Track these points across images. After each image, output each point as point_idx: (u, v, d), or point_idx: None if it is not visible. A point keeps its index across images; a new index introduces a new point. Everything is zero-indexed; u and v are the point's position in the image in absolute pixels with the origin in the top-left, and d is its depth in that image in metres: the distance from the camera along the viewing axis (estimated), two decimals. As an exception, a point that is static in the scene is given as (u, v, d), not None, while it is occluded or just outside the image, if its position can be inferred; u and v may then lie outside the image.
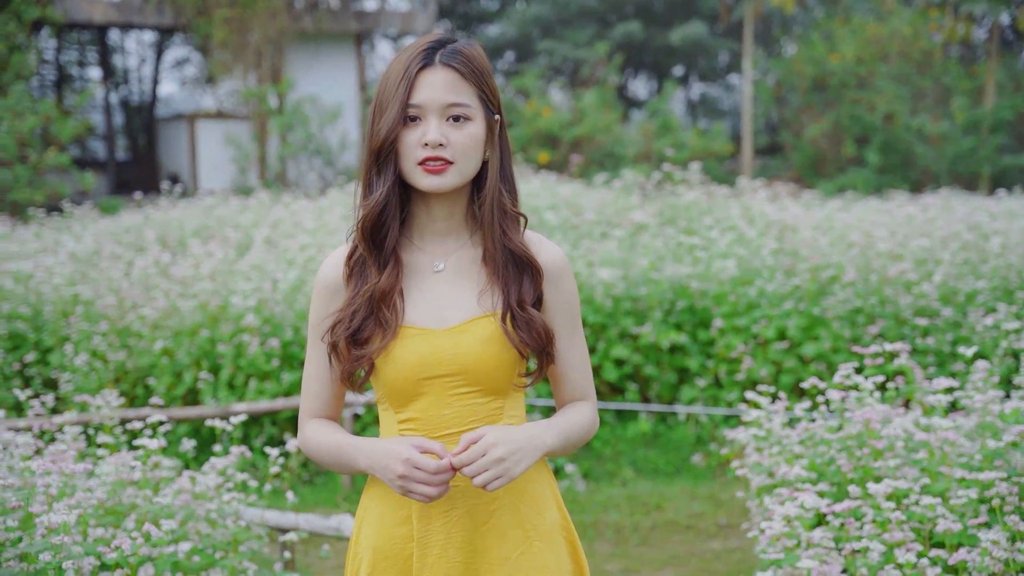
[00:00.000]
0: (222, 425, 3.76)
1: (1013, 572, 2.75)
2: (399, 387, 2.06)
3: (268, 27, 17.35)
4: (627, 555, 5.34)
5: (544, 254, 2.13)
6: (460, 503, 2.07)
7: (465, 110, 2.02)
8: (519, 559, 2.08)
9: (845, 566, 2.96)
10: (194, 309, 6.54)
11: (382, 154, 2.03)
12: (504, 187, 2.09)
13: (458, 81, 2.02)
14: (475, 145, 2.04)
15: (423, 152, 2.01)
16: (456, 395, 2.06)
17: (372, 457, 2.01)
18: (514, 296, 2.08)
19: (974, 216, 7.87)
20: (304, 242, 7.44)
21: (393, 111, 2.00)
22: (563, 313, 2.15)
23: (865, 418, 3.31)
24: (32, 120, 13.50)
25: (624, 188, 9.85)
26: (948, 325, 6.40)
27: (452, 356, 2.05)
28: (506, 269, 2.09)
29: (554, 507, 2.16)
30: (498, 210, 2.08)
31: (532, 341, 2.07)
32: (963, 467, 3.16)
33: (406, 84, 2.00)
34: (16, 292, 7.17)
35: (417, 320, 2.07)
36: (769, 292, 6.73)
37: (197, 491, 3.49)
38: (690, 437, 6.72)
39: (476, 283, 2.10)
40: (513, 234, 2.09)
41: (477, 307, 2.08)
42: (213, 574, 3.25)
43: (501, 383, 2.08)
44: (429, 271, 2.11)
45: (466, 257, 2.12)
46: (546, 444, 2.04)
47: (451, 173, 2.02)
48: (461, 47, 2.05)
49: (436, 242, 2.12)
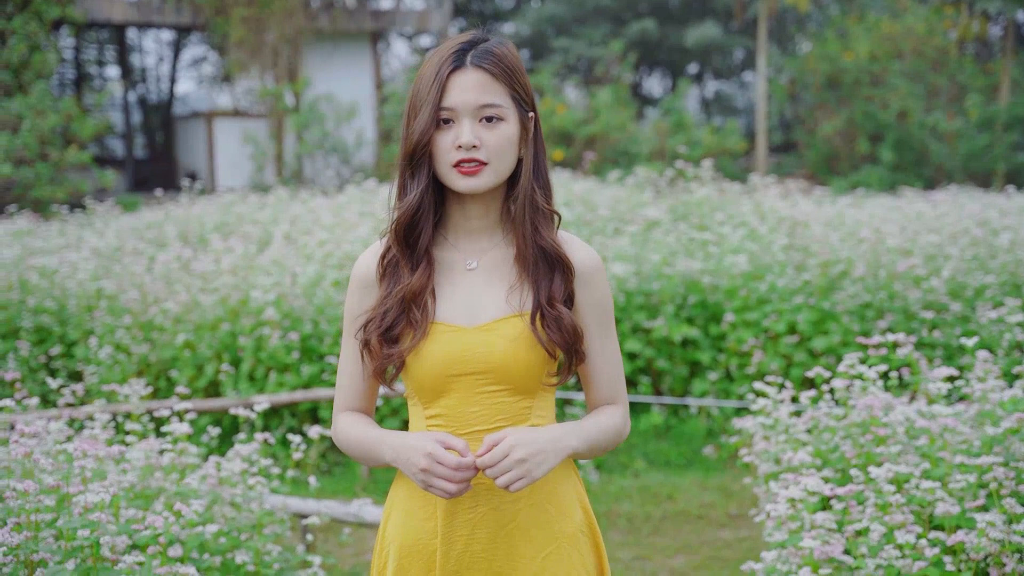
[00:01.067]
0: (246, 413, 3.90)
1: (1009, 552, 2.85)
2: (428, 383, 2.08)
3: (285, 26, 17.52)
4: (639, 543, 5.46)
5: (577, 254, 2.13)
6: (485, 501, 2.08)
7: (497, 110, 2.03)
8: (545, 560, 2.09)
9: (847, 547, 3.07)
10: (215, 303, 6.68)
11: (415, 157, 2.04)
12: (537, 184, 2.09)
13: (490, 82, 2.03)
14: (509, 145, 2.05)
15: (457, 154, 2.02)
16: (484, 393, 2.07)
17: (397, 450, 2.03)
18: (544, 293, 2.08)
19: (984, 212, 7.94)
20: (322, 238, 7.58)
21: (425, 114, 2.01)
22: (594, 314, 2.15)
23: (868, 405, 3.42)
24: (53, 119, 13.69)
25: (637, 185, 9.96)
26: (956, 319, 6.50)
27: (480, 354, 2.06)
28: (536, 266, 2.09)
29: (579, 509, 2.17)
30: (530, 207, 2.08)
31: (561, 339, 2.07)
32: (963, 453, 3.27)
33: (438, 87, 2.01)
34: (41, 287, 7.33)
35: (448, 317, 2.09)
36: (780, 287, 6.84)
37: (222, 476, 3.63)
38: (701, 429, 6.83)
39: (507, 281, 2.11)
40: (545, 231, 2.09)
41: (507, 305, 2.09)
42: (239, 555, 3.37)
43: (529, 382, 2.09)
44: (462, 269, 2.12)
45: (499, 256, 2.13)
46: (570, 447, 2.04)
47: (486, 174, 2.04)
48: (492, 47, 2.06)
49: (470, 240, 2.14)
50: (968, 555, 2.92)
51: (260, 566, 3.49)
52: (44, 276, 7.47)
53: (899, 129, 19.59)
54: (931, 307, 6.63)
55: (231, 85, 19.48)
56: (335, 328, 6.59)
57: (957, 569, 2.92)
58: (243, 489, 3.58)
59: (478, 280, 2.11)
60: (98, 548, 2.77)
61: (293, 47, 17.91)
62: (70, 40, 20.55)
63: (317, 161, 17.85)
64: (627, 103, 19.53)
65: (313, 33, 18.20)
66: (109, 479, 3.17)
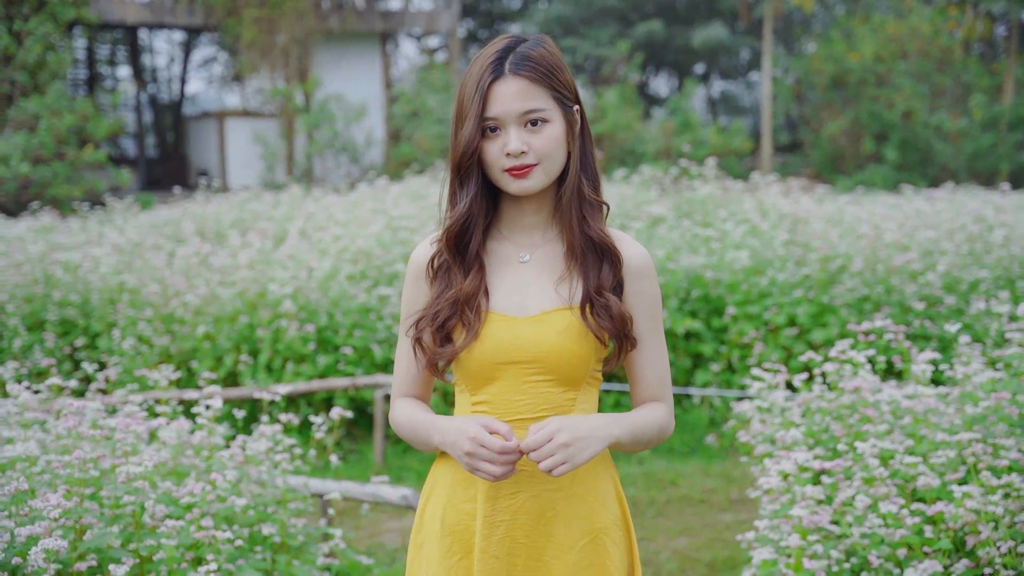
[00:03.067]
0: (270, 396, 4.13)
1: (984, 521, 3.06)
2: (475, 370, 2.13)
3: (296, 27, 17.76)
4: (643, 526, 5.68)
5: (628, 250, 2.17)
6: (527, 487, 2.12)
7: (541, 114, 2.07)
8: (582, 551, 2.14)
9: (835, 518, 3.29)
10: (234, 296, 6.92)
11: (463, 167, 2.10)
12: (585, 176, 2.15)
13: (530, 88, 2.07)
14: (556, 144, 2.09)
15: (507, 161, 2.07)
16: (530, 382, 2.12)
17: (444, 433, 2.09)
18: (593, 282, 2.12)
19: (980, 209, 8.15)
20: (337, 233, 7.82)
21: (470, 125, 2.06)
22: (642, 312, 2.18)
23: (855, 387, 3.64)
24: (69, 119, 13.95)
25: (643, 183, 10.19)
26: (951, 312, 6.71)
27: (529, 344, 2.11)
28: (585, 257, 2.14)
29: (615, 502, 2.21)
30: (578, 197, 2.13)
31: (611, 326, 2.11)
32: (944, 431, 3.48)
33: (480, 98, 2.05)
34: (66, 281, 7.57)
35: (499, 307, 2.14)
36: (780, 281, 7.06)
37: (248, 455, 3.86)
38: (704, 419, 7.06)
39: (557, 273, 2.16)
40: (593, 221, 2.14)
41: (556, 296, 2.14)
42: (265, 528, 3.59)
43: (575, 373, 2.13)
44: (515, 261, 2.18)
45: (551, 251, 2.18)
46: (612, 435, 2.07)
47: (536, 175, 2.09)
48: (529, 51, 2.09)
49: (524, 234, 2.19)
50: (947, 524, 3.13)
51: (286, 538, 3.72)
52: (68, 271, 7.71)
53: (904, 129, 19.77)
54: (926, 300, 6.84)
55: (241, 85, 19.73)
56: (350, 320, 6.83)
57: (936, 537, 3.13)
58: (268, 467, 3.81)
59: (530, 272, 2.17)
60: (142, 512, 3.00)
61: (304, 48, 18.15)
62: (82, 40, 20.83)
63: (327, 160, 18.09)
64: (634, 103, 19.75)
65: (323, 34, 18.45)
66: (147, 453, 3.40)
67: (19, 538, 2.61)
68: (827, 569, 3.09)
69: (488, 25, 27.53)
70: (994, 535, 3.01)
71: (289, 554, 3.76)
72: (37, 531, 2.59)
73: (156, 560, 2.97)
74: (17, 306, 7.34)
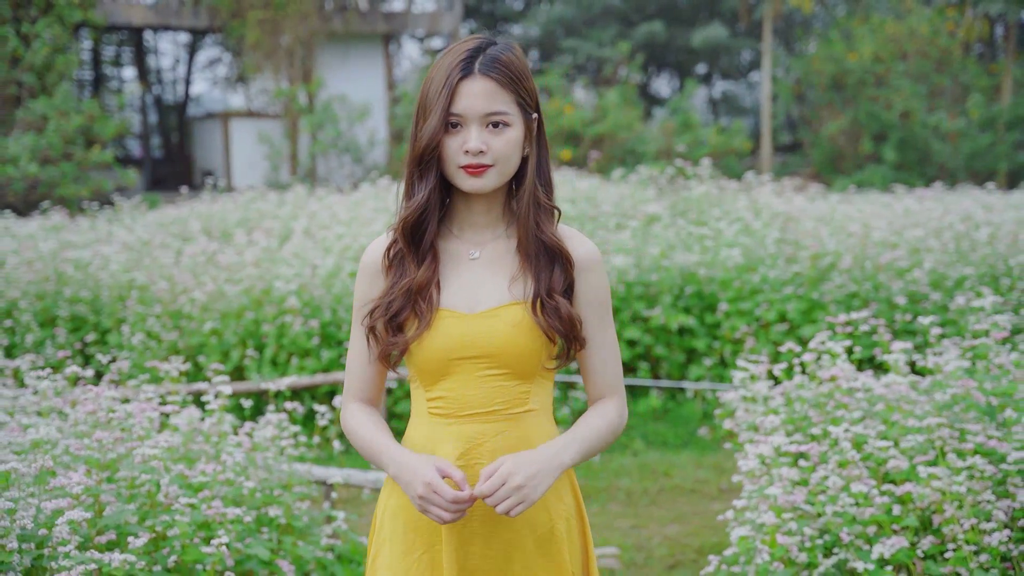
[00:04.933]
0: (275, 387, 4.33)
1: (949, 501, 3.26)
2: (429, 366, 2.17)
3: (299, 28, 17.97)
4: (637, 514, 5.88)
5: (577, 248, 2.22)
6: None
7: (504, 117, 2.12)
8: (541, 538, 2.21)
9: (809, 499, 3.49)
10: (240, 293, 7.13)
11: (424, 160, 2.13)
12: (540, 181, 2.20)
13: (496, 90, 2.12)
14: (514, 148, 2.14)
15: (465, 159, 2.11)
16: (484, 377, 2.16)
17: (400, 468, 2.11)
18: (544, 284, 2.16)
19: (968, 208, 8.35)
20: (340, 232, 8.03)
21: (435, 119, 2.10)
22: (592, 306, 2.22)
23: (831, 375, 3.84)
24: (77, 120, 14.17)
25: (640, 183, 10.40)
26: (935, 308, 6.90)
27: (482, 339, 2.15)
28: (538, 259, 2.18)
29: (570, 492, 2.28)
30: (533, 204, 2.17)
31: (560, 326, 2.15)
32: (915, 417, 3.68)
33: (447, 93, 2.10)
34: (76, 278, 7.79)
35: (451, 304, 2.18)
36: (771, 278, 7.26)
37: (255, 443, 4.06)
38: (697, 412, 7.25)
39: (509, 271, 2.20)
40: (546, 226, 2.18)
41: (508, 294, 2.18)
42: (271, 510, 3.79)
43: (527, 367, 2.17)
44: (465, 258, 2.22)
45: (501, 247, 2.22)
46: (564, 464, 2.12)
47: (491, 175, 2.13)
48: (499, 54, 2.14)
49: (474, 232, 2.23)
50: (914, 504, 3.33)
51: (291, 519, 3.92)
52: (79, 268, 7.92)
53: (902, 129, 19.93)
54: (913, 297, 7.04)
55: (245, 86, 19.94)
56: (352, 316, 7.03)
57: (904, 516, 3.32)
58: (275, 453, 4.01)
59: (480, 269, 2.21)
60: (157, 491, 3.20)
61: (307, 49, 18.36)
62: (87, 42, 21.05)
63: (331, 160, 18.29)
64: (635, 103, 19.94)
65: (327, 35, 18.65)
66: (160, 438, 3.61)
67: (45, 512, 2.81)
68: (799, 544, 3.28)
69: (490, 26, 27.73)
70: (958, 513, 3.20)
71: (294, 535, 3.96)
72: (62, 505, 2.79)
73: (170, 536, 3.16)
74: (30, 302, 7.56)
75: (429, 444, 2.19)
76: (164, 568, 3.10)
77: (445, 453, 2.17)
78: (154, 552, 3.17)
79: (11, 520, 2.66)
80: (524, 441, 2.18)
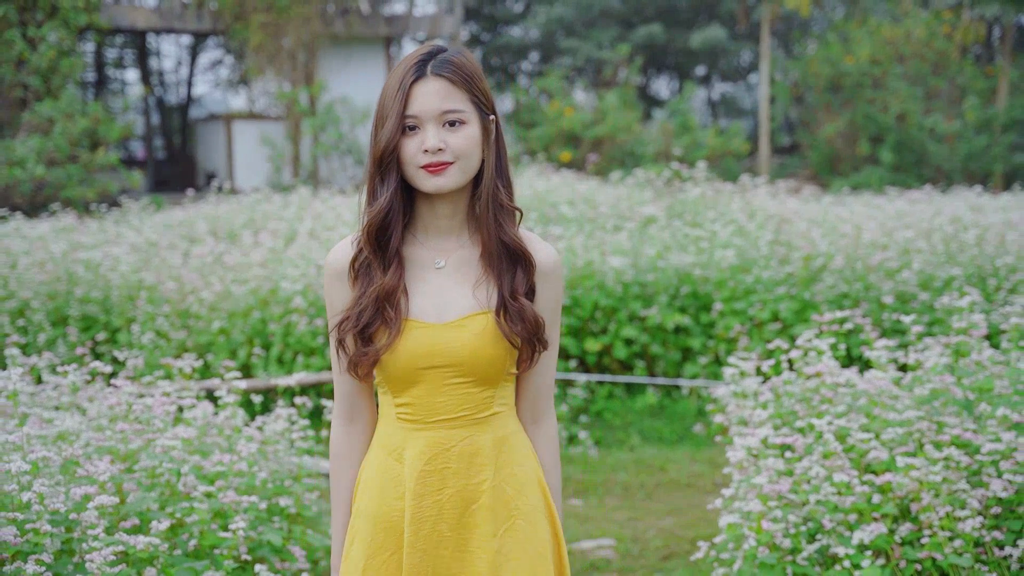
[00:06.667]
0: (286, 383, 4.52)
1: (926, 489, 3.44)
2: (397, 375, 2.20)
3: (302, 31, 18.14)
4: (633, 507, 6.06)
5: (539, 252, 2.25)
6: (452, 483, 2.22)
7: (459, 115, 2.15)
8: (504, 535, 2.24)
9: (794, 488, 3.67)
10: (247, 293, 7.32)
11: (383, 163, 2.16)
12: (500, 182, 2.22)
13: (450, 89, 2.15)
14: (473, 145, 2.17)
15: (424, 158, 2.14)
16: (450, 384, 2.20)
17: (334, 556, 2.35)
18: (507, 287, 2.20)
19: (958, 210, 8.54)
20: (344, 233, 8.21)
21: (391, 122, 2.14)
22: (547, 311, 2.26)
23: (816, 371, 4.03)
24: (83, 122, 14.36)
25: (637, 185, 10.59)
26: (923, 307, 7.09)
27: (449, 349, 2.18)
28: (500, 261, 2.21)
29: (538, 491, 2.30)
30: (494, 203, 2.20)
31: (523, 329, 2.19)
32: (895, 411, 3.87)
33: (401, 96, 2.14)
34: (87, 278, 7.98)
35: (418, 314, 2.20)
36: (765, 279, 7.46)
37: (266, 437, 4.25)
38: (692, 409, 7.44)
39: (474, 279, 2.23)
40: (508, 227, 2.21)
41: (474, 301, 2.21)
42: (282, 500, 3.97)
43: (492, 374, 2.22)
44: (431, 267, 2.24)
45: (466, 255, 2.25)
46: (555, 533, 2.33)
47: (452, 172, 2.16)
48: (450, 56, 2.18)
49: (439, 239, 2.25)
50: (894, 492, 3.51)
51: (301, 509, 4.11)
52: (89, 269, 8.12)
53: (899, 131, 20.11)
54: (901, 297, 7.23)
55: (247, 88, 20.12)
56: (357, 315, 7.21)
57: (883, 504, 3.51)
58: (285, 445, 4.20)
59: (446, 278, 2.23)
60: (178, 479, 3.39)
61: (309, 52, 18.53)
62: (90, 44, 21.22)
63: (332, 162, 18.48)
64: (634, 105, 20.12)
65: (329, 38, 18.83)
66: (177, 430, 3.80)
67: (73, 498, 2.99)
68: (784, 531, 3.47)
69: (491, 29, 27.91)
70: (935, 502, 3.38)
71: (303, 524, 4.15)
72: (90, 491, 2.98)
73: (189, 522, 3.35)
74: (42, 302, 7.75)
75: (397, 448, 2.24)
76: (184, 552, 3.29)
77: (413, 457, 2.22)
78: (174, 537, 3.35)
79: (43, 505, 2.84)
80: (490, 443, 2.24)
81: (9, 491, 2.83)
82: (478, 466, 2.22)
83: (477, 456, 2.22)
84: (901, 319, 4.41)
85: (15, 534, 2.69)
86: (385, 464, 2.25)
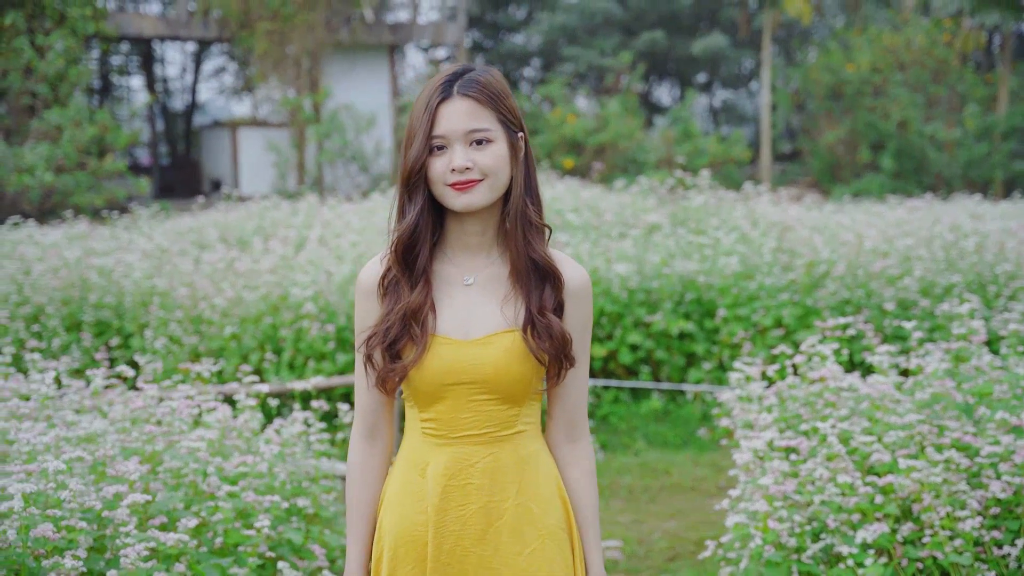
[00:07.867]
0: (303, 386, 4.63)
1: (927, 490, 3.55)
2: (423, 390, 2.22)
3: (307, 39, 18.28)
4: (637, 510, 6.18)
5: (570, 272, 2.26)
6: (476, 499, 2.22)
7: (486, 134, 2.17)
8: (531, 555, 2.24)
9: (798, 489, 3.78)
10: (258, 299, 7.43)
11: (411, 182, 2.18)
12: (529, 199, 2.23)
13: (477, 108, 2.17)
14: (500, 162, 2.18)
15: (452, 176, 2.16)
16: (476, 401, 2.21)
17: None
18: (535, 303, 2.21)
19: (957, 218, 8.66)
20: (354, 240, 8.34)
21: (418, 143, 2.17)
22: (577, 331, 2.27)
23: (820, 376, 4.14)
24: (91, 130, 14.49)
25: (641, 192, 10.72)
26: (924, 314, 7.21)
27: (475, 367, 2.19)
28: (529, 279, 2.22)
29: (560, 505, 2.30)
30: (522, 220, 2.21)
31: (551, 346, 2.20)
32: (897, 414, 3.98)
33: (428, 117, 2.17)
34: (100, 284, 8.10)
35: (445, 330, 2.22)
36: (768, 285, 7.58)
37: (284, 439, 4.36)
38: (696, 414, 7.56)
39: (502, 296, 2.24)
40: (537, 244, 2.22)
41: (502, 319, 2.22)
42: (300, 501, 4.08)
43: (518, 393, 2.23)
44: (459, 284, 2.25)
45: (494, 273, 2.25)
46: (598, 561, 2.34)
47: (481, 189, 2.17)
48: (477, 76, 2.19)
49: (468, 257, 2.26)
50: (896, 493, 3.62)
51: (318, 509, 4.22)
52: (102, 275, 8.23)
53: (900, 138, 20.23)
54: (902, 303, 7.35)
55: (252, 95, 20.26)
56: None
57: (886, 504, 3.62)
58: (302, 447, 4.31)
59: (474, 295, 2.24)
60: (204, 478, 3.50)
61: (314, 59, 18.66)
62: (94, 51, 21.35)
63: (337, 169, 18.60)
64: (636, 112, 20.23)
65: (334, 46, 18.97)
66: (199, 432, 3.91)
67: (106, 496, 3.10)
68: (789, 530, 3.58)
69: (493, 36, 28.06)
70: (935, 502, 3.48)
71: (321, 524, 4.26)
72: (122, 489, 3.09)
73: (213, 521, 3.46)
74: (56, 308, 7.87)
75: (421, 463, 2.26)
76: (209, 549, 3.41)
77: (436, 472, 2.23)
78: (200, 535, 3.47)
79: (76, 503, 2.96)
80: (513, 461, 2.25)
81: (44, 489, 2.94)
82: (501, 483, 2.23)
83: (500, 473, 2.23)
84: (902, 325, 4.51)
85: (52, 530, 2.80)
86: (409, 478, 2.26)
